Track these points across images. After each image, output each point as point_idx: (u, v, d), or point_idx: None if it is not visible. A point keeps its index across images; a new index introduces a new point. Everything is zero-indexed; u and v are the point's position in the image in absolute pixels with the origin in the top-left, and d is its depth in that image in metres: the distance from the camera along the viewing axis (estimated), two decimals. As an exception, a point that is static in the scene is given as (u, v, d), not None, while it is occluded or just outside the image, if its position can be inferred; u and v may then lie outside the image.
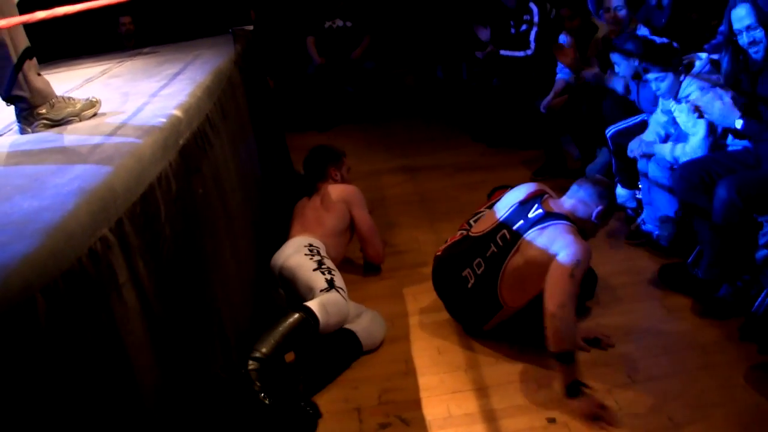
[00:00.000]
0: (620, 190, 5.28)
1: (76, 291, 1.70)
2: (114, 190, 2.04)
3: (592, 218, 3.79)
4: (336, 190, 4.83)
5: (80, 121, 3.13)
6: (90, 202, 1.89)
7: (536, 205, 3.80)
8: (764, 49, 3.79)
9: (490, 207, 4.09)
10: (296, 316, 3.66)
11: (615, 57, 4.77)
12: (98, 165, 2.19)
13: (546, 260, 3.55)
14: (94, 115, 3.18)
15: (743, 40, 3.84)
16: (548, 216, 3.72)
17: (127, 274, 2.01)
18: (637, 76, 4.87)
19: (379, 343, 4.03)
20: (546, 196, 3.91)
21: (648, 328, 3.95)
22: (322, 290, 3.97)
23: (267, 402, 3.21)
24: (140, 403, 2.01)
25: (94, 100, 3.24)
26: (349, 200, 4.80)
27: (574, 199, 3.84)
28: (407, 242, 5.29)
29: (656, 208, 4.63)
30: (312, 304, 3.76)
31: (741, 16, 3.79)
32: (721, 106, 3.97)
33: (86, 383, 1.73)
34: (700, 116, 4.15)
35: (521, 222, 3.77)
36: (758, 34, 3.77)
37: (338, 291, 3.98)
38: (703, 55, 4.50)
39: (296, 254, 4.26)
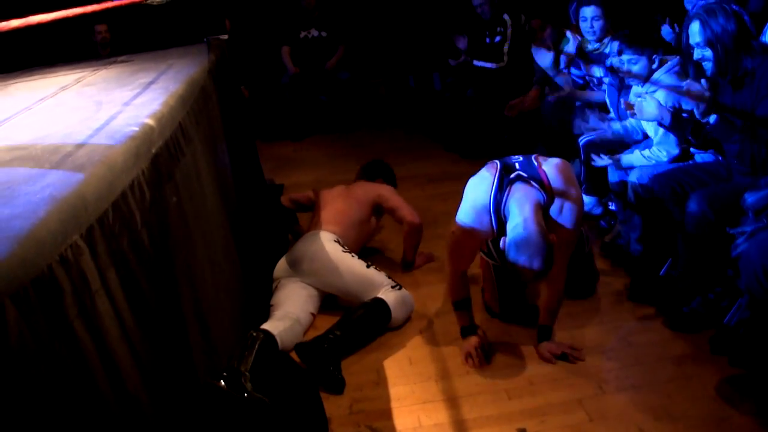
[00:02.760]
0: (586, 198, 5.38)
1: (47, 298, 1.70)
2: (85, 198, 2.03)
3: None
4: (367, 186, 5.18)
5: None
6: (61, 210, 1.89)
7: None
8: (714, 67, 3.84)
9: None
10: (375, 306, 4.18)
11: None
12: (70, 173, 2.19)
13: None
14: None
15: (695, 54, 3.89)
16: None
17: (99, 282, 2.01)
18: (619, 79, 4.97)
19: (406, 319, 4.33)
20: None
21: (619, 340, 3.97)
22: (393, 287, 4.32)
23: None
24: (113, 412, 2.00)
25: None
26: (378, 194, 5.08)
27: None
28: (378, 251, 5.30)
29: (632, 224, 4.63)
30: (388, 300, 4.20)
31: (693, 32, 3.85)
32: (699, 88, 4.00)
33: (59, 390, 1.72)
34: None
35: None
36: (707, 53, 3.82)
37: (403, 289, 4.35)
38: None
39: (334, 251, 4.46)
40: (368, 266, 4.42)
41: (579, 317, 4.20)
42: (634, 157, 4.55)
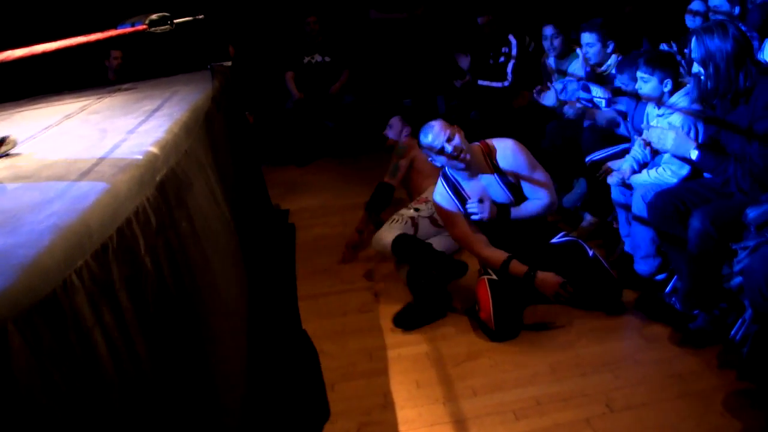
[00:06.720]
0: (588, 216, 5.43)
1: (51, 325, 1.71)
2: (89, 226, 2.04)
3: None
4: None
5: None
6: (65, 238, 1.90)
7: None
8: (704, 85, 3.85)
9: None
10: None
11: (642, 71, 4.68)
12: (74, 202, 2.20)
13: None
14: (6, 154, 3.16)
15: (693, 68, 3.93)
16: None
17: (104, 308, 2.02)
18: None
19: None
20: None
21: (626, 358, 3.97)
22: None
23: None
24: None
25: (9, 138, 3.22)
26: None
27: None
28: (386, 276, 5.32)
29: (637, 245, 4.64)
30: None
31: (692, 46, 3.87)
32: (674, 137, 4.03)
33: (63, 414, 1.73)
34: (653, 152, 4.28)
35: None
36: (701, 69, 3.84)
37: None
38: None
39: None
40: None
41: (585, 336, 4.20)
42: (641, 177, 4.54)
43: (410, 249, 4.80)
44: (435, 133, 4.34)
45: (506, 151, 4.48)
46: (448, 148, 4.31)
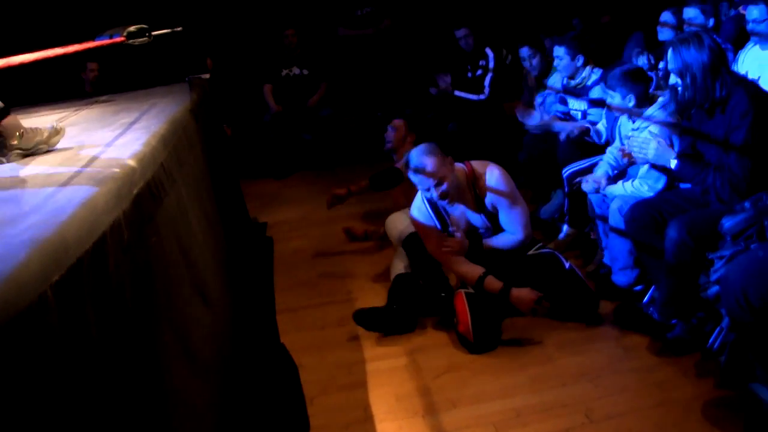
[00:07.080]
0: (566, 228, 5.43)
1: (25, 340, 1.70)
2: (65, 240, 2.03)
3: None
4: None
5: (49, 147, 3.37)
6: (42, 252, 1.89)
7: None
8: (682, 95, 3.88)
9: None
10: None
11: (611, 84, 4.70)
12: (51, 215, 2.18)
13: None
14: (59, 142, 3.43)
15: (670, 80, 3.95)
16: None
17: (76, 325, 2.00)
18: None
19: None
20: None
21: (605, 368, 3.97)
22: None
23: None
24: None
25: (59, 127, 3.45)
26: None
27: None
28: (364, 290, 5.32)
29: (615, 257, 4.66)
30: None
31: (668, 58, 3.90)
32: (656, 146, 4.05)
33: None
34: (629, 162, 4.30)
35: None
36: (678, 80, 3.87)
37: None
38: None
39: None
40: None
41: (564, 347, 4.21)
42: (617, 188, 4.55)
43: (420, 254, 4.75)
44: (426, 174, 4.36)
45: (491, 180, 4.50)
46: (435, 193, 4.37)
